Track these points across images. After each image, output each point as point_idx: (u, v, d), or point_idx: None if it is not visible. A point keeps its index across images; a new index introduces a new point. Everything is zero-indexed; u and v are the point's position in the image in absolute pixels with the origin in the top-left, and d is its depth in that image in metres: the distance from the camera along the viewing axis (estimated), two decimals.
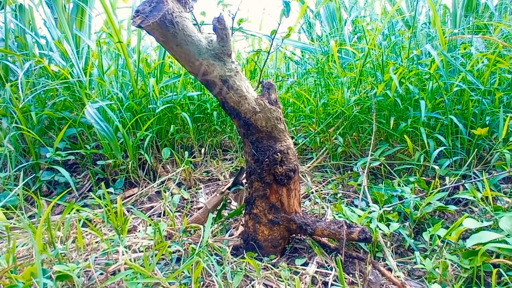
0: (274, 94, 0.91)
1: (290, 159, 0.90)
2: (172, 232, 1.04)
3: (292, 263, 0.90)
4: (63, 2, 1.57)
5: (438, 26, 1.29)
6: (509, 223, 0.83)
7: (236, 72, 0.87)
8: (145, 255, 0.79)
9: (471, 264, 0.78)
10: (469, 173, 1.22)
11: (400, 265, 0.91)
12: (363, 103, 1.40)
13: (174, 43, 0.82)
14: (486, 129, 1.12)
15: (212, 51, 0.85)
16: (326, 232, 0.89)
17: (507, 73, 1.36)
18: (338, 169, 1.46)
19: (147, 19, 0.77)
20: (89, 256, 0.90)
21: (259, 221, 0.93)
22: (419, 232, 1.05)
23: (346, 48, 1.72)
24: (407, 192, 1.07)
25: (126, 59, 1.36)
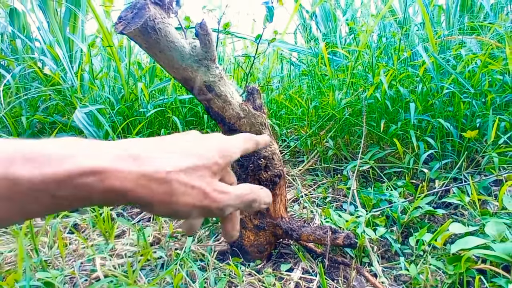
0: (259, 99, 0.91)
1: (275, 165, 0.90)
2: (160, 237, 1.04)
3: (278, 268, 0.90)
4: (55, 6, 1.57)
5: (428, 27, 1.28)
6: (495, 228, 0.83)
7: (220, 77, 0.87)
8: (129, 261, 0.79)
9: (455, 270, 0.78)
10: (460, 176, 1.21)
11: (386, 271, 0.90)
12: (354, 106, 1.40)
13: (157, 49, 0.81)
14: (475, 131, 1.11)
15: (195, 57, 0.84)
16: (311, 238, 0.89)
17: (499, 75, 1.35)
18: (329, 172, 1.45)
19: (129, 25, 0.77)
20: (75, 262, 0.90)
21: (244, 226, 0.93)
22: (408, 236, 1.04)
23: (336, 50, 1.72)
24: (395, 196, 1.07)
25: (116, 63, 1.36)
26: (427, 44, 1.40)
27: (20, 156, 0.23)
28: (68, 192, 0.24)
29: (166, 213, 0.30)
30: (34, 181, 0.23)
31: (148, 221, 1.21)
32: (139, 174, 0.27)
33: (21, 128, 1.39)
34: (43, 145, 0.24)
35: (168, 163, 0.29)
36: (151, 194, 0.27)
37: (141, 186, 0.27)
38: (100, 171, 0.25)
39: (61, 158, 0.24)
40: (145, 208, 0.29)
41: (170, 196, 0.29)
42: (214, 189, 0.32)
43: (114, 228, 1.00)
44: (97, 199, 0.26)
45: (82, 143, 0.26)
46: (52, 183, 0.23)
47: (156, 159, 0.28)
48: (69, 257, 0.95)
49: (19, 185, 0.22)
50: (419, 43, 1.50)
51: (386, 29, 1.91)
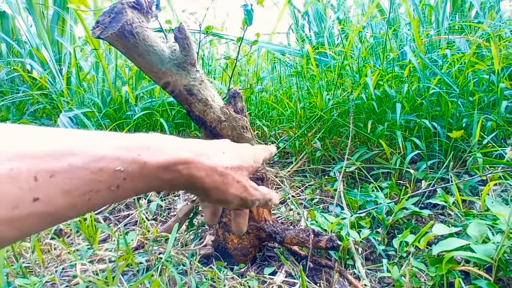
0: (240, 102, 0.90)
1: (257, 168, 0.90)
2: (145, 242, 1.04)
3: (261, 272, 0.90)
4: (41, 9, 1.56)
5: (414, 26, 1.28)
6: (477, 229, 0.83)
7: (201, 81, 0.86)
8: (109, 267, 0.78)
9: (437, 272, 0.78)
10: (447, 176, 1.21)
11: (370, 273, 0.90)
12: (342, 107, 1.39)
13: (135, 53, 0.81)
14: (461, 132, 1.11)
15: (175, 61, 0.84)
16: (295, 241, 0.89)
17: (485, 74, 1.35)
18: (317, 174, 1.45)
19: (106, 30, 0.76)
20: (57, 268, 0.89)
21: (228, 229, 0.92)
22: (394, 237, 1.04)
23: (325, 51, 1.71)
24: (380, 197, 1.06)
25: (102, 65, 1.35)
26: (415, 44, 1.40)
27: (145, 147, 0.30)
28: (166, 175, 0.31)
29: (218, 199, 0.38)
30: (153, 165, 0.30)
31: (134, 225, 1.20)
32: (210, 167, 0.35)
33: None
34: (155, 140, 0.32)
35: (226, 161, 0.37)
36: (213, 183, 0.36)
37: (208, 176, 0.35)
38: (188, 161, 0.33)
39: (167, 150, 0.32)
40: (203, 195, 0.37)
41: (225, 186, 0.37)
42: (250, 185, 0.41)
43: (98, 232, 0.99)
44: (179, 183, 0.33)
45: (167, 138, 0.34)
46: (160, 167, 0.30)
47: (218, 157, 0.37)
48: (53, 263, 0.94)
49: (145, 168, 0.29)
50: (407, 43, 1.50)
51: (376, 29, 1.91)
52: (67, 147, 0.26)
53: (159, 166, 0.30)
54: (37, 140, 0.25)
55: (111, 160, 0.27)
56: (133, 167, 0.28)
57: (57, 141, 0.26)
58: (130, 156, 0.28)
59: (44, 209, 0.24)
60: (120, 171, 0.27)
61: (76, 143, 0.26)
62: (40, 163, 0.24)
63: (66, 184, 0.25)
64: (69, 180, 0.25)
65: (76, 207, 0.26)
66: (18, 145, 0.24)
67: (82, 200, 0.26)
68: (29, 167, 0.23)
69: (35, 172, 0.23)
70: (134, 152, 0.29)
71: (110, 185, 0.27)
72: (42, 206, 0.24)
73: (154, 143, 0.31)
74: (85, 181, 0.26)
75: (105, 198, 0.28)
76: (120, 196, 0.29)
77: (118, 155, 0.28)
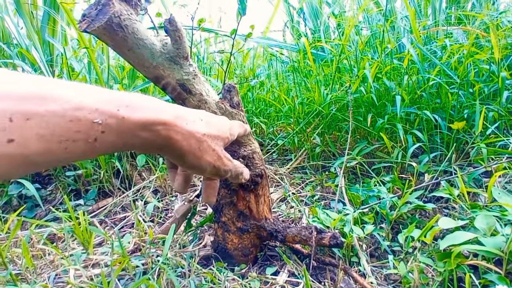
0: (236, 96, 0.87)
1: (256, 164, 0.86)
2: (141, 244, 1.00)
3: (263, 272, 0.87)
4: (30, 9, 1.52)
5: (411, 17, 1.25)
6: (485, 221, 0.80)
7: (195, 75, 0.83)
8: (103, 272, 0.75)
9: (445, 267, 0.75)
10: (450, 168, 1.19)
11: (376, 270, 0.87)
12: (341, 101, 1.36)
13: (125, 47, 0.77)
14: (463, 123, 1.08)
15: (167, 55, 0.80)
16: (297, 239, 0.85)
17: (485, 64, 1.33)
18: (318, 170, 1.42)
19: (92, 23, 0.73)
20: (50, 274, 0.86)
21: (228, 229, 0.89)
22: (399, 232, 1.01)
23: (323, 46, 1.68)
24: (383, 192, 1.04)
25: (94, 65, 1.31)
26: (413, 35, 1.37)
27: (124, 103, 0.30)
28: (144, 134, 0.32)
29: (192, 164, 0.39)
30: (132, 121, 0.30)
31: (131, 227, 1.16)
32: (188, 131, 0.36)
33: None
34: (137, 98, 0.32)
35: (204, 128, 0.39)
36: (189, 148, 0.37)
37: (185, 140, 0.36)
38: (167, 123, 0.33)
39: (147, 108, 0.32)
40: (178, 158, 0.38)
41: (200, 152, 0.38)
42: (224, 155, 0.44)
43: (92, 236, 0.96)
44: (156, 144, 0.34)
45: (149, 98, 0.34)
46: (139, 125, 0.31)
47: (196, 123, 0.38)
48: (46, 269, 0.91)
49: (124, 123, 0.29)
50: (405, 35, 1.47)
51: (372, 21, 1.88)
52: (47, 92, 0.25)
53: (138, 123, 0.31)
54: (17, 82, 0.24)
55: (89, 111, 0.27)
56: (111, 121, 0.28)
57: (37, 86, 0.25)
58: (109, 109, 0.28)
59: (18, 151, 0.24)
60: (98, 124, 0.27)
61: (56, 90, 0.26)
62: (16, 105, 0.23)
63: (42, 129, 0.24)
64: (45, 125, 0.24)
65: (53, 153, 0.26)
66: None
67: (58, 148, 0.26)
68: (5, 108, 0.23)
69: (11, 113, 0.23)
70: (114, 106, 0.29)
71: (87, 137, 0.27)
72: (17, 148, 0.24)
73: (134, 100, 0.31)
74: (62, 128, 0.25)
75: (84, 150, 0.27)
76: (99, 150, 0.29)
77: (97, 107, 0.27)
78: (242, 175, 0.51)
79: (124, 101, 0.30)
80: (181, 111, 0.37)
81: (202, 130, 0.39)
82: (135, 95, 0.33)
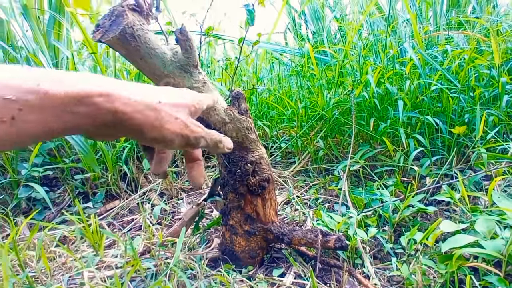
0: (244, 103, 0.89)
1: (263, 169, 0.89)
2: (150, 246, 1.03)
3: (270, 274, 0.89)
4: (37, 14, 1.54)
5: (413, 22, 1.28)
6: (485, 225, 0.82)
7: (204, 83, 0.85)
8: (116, 273, 0.77)
9: (447, 269, 0.77)
10: (451, 172, 1.21)
11: (379, 272, 0.90)
12: (344, 105, 1.39)
13: (137, 56, 0.80)
14: (463, 127, 1.11)
15: (177, 63, 0.83)
16: (303, 241, 0.88)
17: (486, 69, 1.35)
18: (321, 173, 1.45)
19: (106, 33, 0.75)
20: (63, 276, 0.88)
21: (235, 232, 0.92)
22: (401, 235, 1.04)
23: (325, 50, 1.71)
24: (386, 195, 1.06)
25: (101, 69, 1.34)
26: (414, 40, 1.40)
27: (48, 78, 0.28)
28: (82, 109, 0.29)
29: (154, 137, 0.36)
30: (59, 96, 0.28)
31: (138, 230, 1.19)
32: (138, 101, 0.33)
33: None
34: (65, 73, 0.30)
35: (157, 96, 0.36)
36: (145, 119, 0.34)
37: (138, 111, 0.33)
38: (108, 94, 0.31)
39: (80, 82, 0.30)
40: (137, 134, 0.35)
41: (160, 122, 0.36)
42: (191, 122, 0.40)
43: (103, 239, 0.98)
44: (105, 120, 0.31)
45: (93, 75, 0.32)
46: (70, 99, 0.29)
47: (147, 93, 0.36)
48: (58, 271, 0.93)
49: (48, 99, 0.27)
50: (406, 40, 1.50)
51: (374, 26, 1.90)
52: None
53: (68, 97, 0.28)
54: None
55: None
56: (30, 97, 0.27)
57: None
58: (25, 85, 0.27)
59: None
60: (11, 100, 0.26)
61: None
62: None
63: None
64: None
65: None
66: None
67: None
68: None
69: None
70: (32, 82, 0.27)
71: (1, 116, 0.26)
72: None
73: (66, 75, 0.30)
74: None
75: (6, 132, 0.26)
76: (26, 130, 0.27)
77: (8, 83, 0.26)
78: (223, 144, 0.47)
79: (49, 77, 0.28)
80: (127, 84, 0.35)
81: (156, 98, 0.36)
82: (64, 71, 0.31)
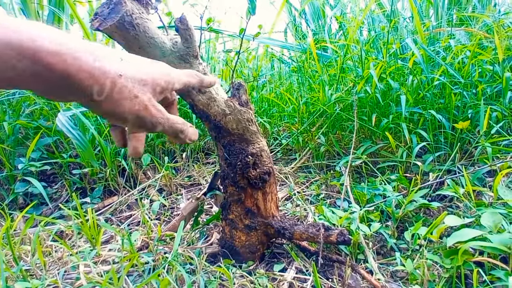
0: (245, 95, 0.88)
1: (264, 162, 0.87)
2: (148, 241, 1.01)
3: (271, 269, 0.87)
4: (36, 9, 1.53)
5: (416, 18, 1.26)
6: (491, 219, 0.81)
7: (204, 73, 0.84)
8: (113, 268, 0.75)
9: (452, 264, 0.76)
10: (454, 168, 1.20)
11: (382, 267, 0.88)
12: (345, 101, 1.37)
13: (136, 46, 0.78)
14: (467, 122, 1.09)
15: (177, 53, 0.81)
16: (304, 236, 0.86)
17: (489, 65, 1.34)
18: (322, 169, 1.43)
19: (105, 21, 0.74)
20: (59, 270, 0.86)
21: (235, 226, 0.90)
22: (404, 231, 1.02)
23: (327, 46, 1.70)
24: (389, 191, 1.04)
25: None
26: (416, 36, 1.39)
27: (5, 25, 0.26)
28: (25, 64, 0.27)
29: (108, 111, 0.34)
30: (4, 41, 0.26)
31: (137, 225, 1.17)
32: (97, 68, 0.31)
33: (3, 134, 1.35)
34: (25, 23, 0.28)
35: (122, 68, 0.34)
36: (101, 89, 0.32)
37: (94, 79, 0.31)
38: (59, 53, 0.28)
39: (19, 31, 0.27)
40: (89, 104, 0.33)
41: (115, 97, 0.33)
42: (152, 105, 0.37)
43: (100, 234, 0.96)
44: (54, 81, 0.29)
45: (55, 30, 0.30)
46: (8, 49, 0.26)
47: (112, 62, 0.33)
48: (54, 265, 0.91)
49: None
50: (408, 36, 1.49)
51: (375, 22, 1.89)
52: None
53: (6, 47, 0.26)
54: None
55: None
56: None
57: None
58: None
59: None
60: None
61: None
62: None
63: None
64: None
65: None
66: None
67: None
68: None
69: None
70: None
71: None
72: None
73: (9, 22, 0.27)
74: None
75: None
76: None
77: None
78: (185, 135, 0.43)
79: (8, 23, 0.26)
80: (91, 46, 0.32)
81: (119, 70, 0.33)
82: (36, 23, 0.29)
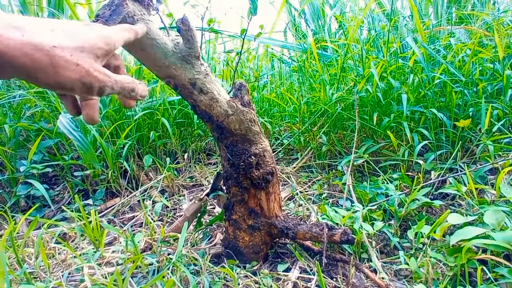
0: (247, 95, 0.88)
1: (267, 162, 0.87)
2: (152, 243, 1.01)
3: (275, 269, 0.87)
4: (35, 10, 1.53)
5: (416, 17, 1.26)
6: (494, 217, 0.81)
7: (206, 74, 0.84)
8: (117, 269, 0.75)
9: (456, 262, 0.76)
10: (455, 166, 1.20)
11: (386, 266, 0.88)
12: (346, 100, 1.37)
13: (138, 47, 0.78)
14: (468, 120, 1.09)
15: (178, 54, 0.81)
16: (308, 235, 0.86)
17: (489, 63, 1.34)
18: (324, 169, 1.43)
19: (107, 23, 0.74)
20: (63, 273, 0.86)
21: (239, 227, 0.90)
22: (407, 229, 1.02)
23: (327, 45, 1.70)
24: (391, 189, 1.04)
25: None
26: (416, 35, 1.39)
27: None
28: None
29: (49, 84, 0.33)
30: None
31: (139, 226, 1.17)
32: (26, 44, 0.30)
33: (4, 137, 1.35)
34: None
35: (53, 40, 0.33)
36: (36, 64, 0.31)
37: (26, 55, 0.30)
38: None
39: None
40: (31, 78, 0.32)
41: (54, 68, 0.32)
42: (96, 69, 0.37)
43: (103, 235, 0.96)
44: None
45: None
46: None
47: (44, 34, 0.32)
48: (58, 268, 0.91)
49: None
50: (408, 35, 1.49)
51: (375, 22, 1.90)
52: None
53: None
54: None
55: None
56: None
57: None
58: None
59: None
60: None
61: None
62: None
63: None
64: None
65: None
66: None
67: None
68: None
69: None
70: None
71: None
72: None
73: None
74: None
75: None
76: None
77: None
78: (136, 92, 0.44)
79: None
80: (19, 21, 0.31)
81: (51, 42, 0.32)
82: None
